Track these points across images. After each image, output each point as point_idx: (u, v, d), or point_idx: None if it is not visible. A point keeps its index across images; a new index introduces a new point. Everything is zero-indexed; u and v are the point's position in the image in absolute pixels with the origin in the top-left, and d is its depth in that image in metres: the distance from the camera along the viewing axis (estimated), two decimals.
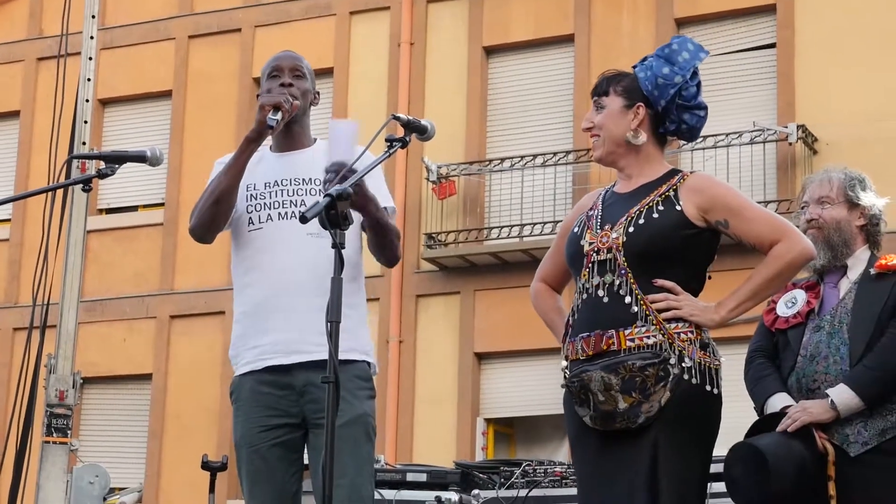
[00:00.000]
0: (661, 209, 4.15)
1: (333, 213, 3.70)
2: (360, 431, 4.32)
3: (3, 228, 18.49)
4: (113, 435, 17.33)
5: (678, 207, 4.15)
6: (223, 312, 16.29)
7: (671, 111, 4.25)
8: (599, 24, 15.84)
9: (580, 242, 4.23)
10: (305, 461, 4.45)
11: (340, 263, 3.68)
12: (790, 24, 14.98)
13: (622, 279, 4.10)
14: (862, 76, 14.45)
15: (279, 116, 4.37)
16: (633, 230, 4.13)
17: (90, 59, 8.97)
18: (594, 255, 4.17)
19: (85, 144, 8.73)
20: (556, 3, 16.15)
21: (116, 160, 4.54)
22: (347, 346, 4.05)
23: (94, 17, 9.12)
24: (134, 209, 18.10)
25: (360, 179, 4.04)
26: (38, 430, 8.54)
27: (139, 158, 4.53)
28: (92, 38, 9.05)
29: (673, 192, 4.18)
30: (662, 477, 3.99)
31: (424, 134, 4.18)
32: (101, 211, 17.97)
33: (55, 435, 8.37)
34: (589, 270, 4.17)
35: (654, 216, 4.14)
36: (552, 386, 11.38)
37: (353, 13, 17.18)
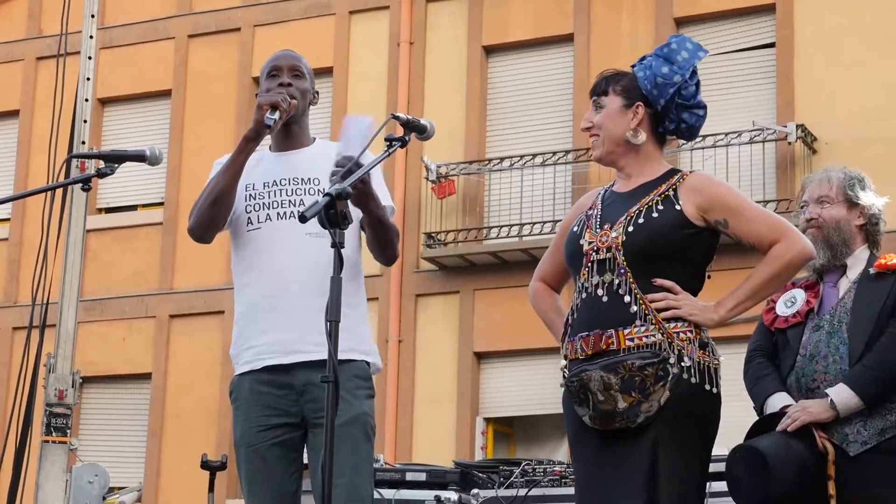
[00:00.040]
0: (660, 209, 4.15)
1: (333, 212, 3.69)
2: (359, 431, 4.31)
3: (2, 228, 18.48)
4: (112, 434, 17.33)
5: (678, 207, 4.15)
6: (223, 312, 16.29)
7: (670, 110, 4.25)
8: (599, 23, 15.84)
9: (579, 242, 4.23)
10: (305, 461, 4.45)
11: (340, 263, 3.68)
12: (789, 23, 14.98)
13: (621, 278, 4.10)
14: (861, 75, 14.45)
15: (277, 116, 4.36)
16: (632, 229, 4.13)
17: (89, 58, 8.97)
18: (593, 254, 4.17)
19: (84, 144, 8.73)
20: (555, 2, 16.15)
21: (116, 159, 4.54)
22: (347, 345, 4.04)
23: (93, 16, 9.12)
24: (133, 208, 18.09)
25: (366, 176, 4.04)
26: (37, 429, 8.54)
27: (138, 158, 4.53)
28: (91, 37, 9.05)
29: (672, 191, 4.18)
30: (662, 476, 3.99)
31: (424, 133, 4.18)
32: (100, 210, 17.96)
33: (54, 434, 8.37)
34: (588, 270, 4.17)
35: (653, 216, 4.14)
36: (552, 385, 11.39)
37: (352, 12, 17.17)
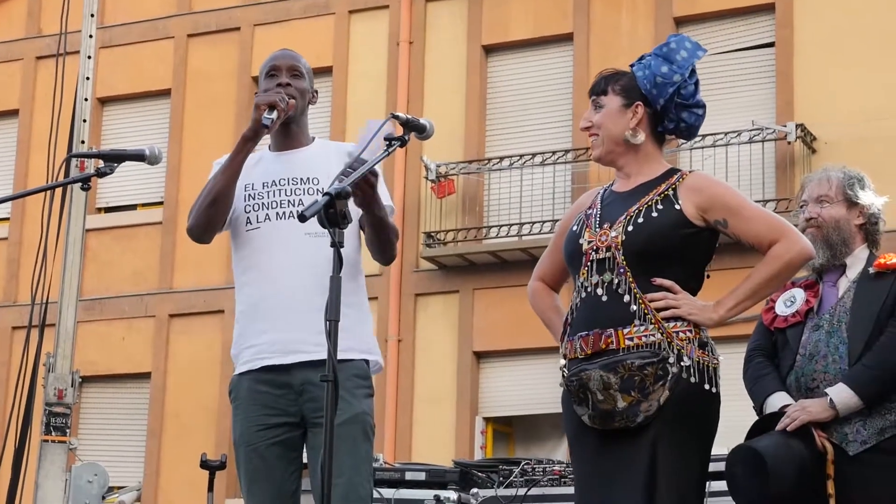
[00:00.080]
0: (660, 208, 4.15)
1: (332, 211, 3.68)
2: (358, 430, 4.31)
3: (2, 227, 18.48)
4: (112, 434, 17.33)
5: (677, 206, 4.15)
6: (222, 311, 16.29)
7: (670, 110, 4.25)
8: (598, 22, 15.84)
9: (579, 241, 4.23)
10: (305, 460, 4.45)
11: (339, 262, 3.68)
12: (789, 23, 14.98)
13: (621, 278, 4.10)
14: (861, 75, 14.45)
15: (274, 115, 4.35)
16: (632, 229, 4.13)
17: (89, 57, 8.97)
18: (593, 253, 4.17)
19: (84, 143, 8.73)
20: (555, 2, 16.15)
21: (115, 159, 4.54)
22: (346, 344, 4.04)
23: (92, 15, 9.12)
24: (133, 208, 18.09)
25: (373, 179, 4.03)
26: (36, 428, 8.55)
27: (138, 157, 4.53)
28: (91, 36, 9.05)
29: (672, 191, 4.18)
30: (661, 476, 3.99)
31: (423, 133, 4.18)
32: (99, 210, 17.96)
33: (54, 434, 8.38)
34: (588, 269, 4.17)
35: (653, 215, 4.14)
36: (551, 385, 11.38)
37: (352, 12, 17.17)
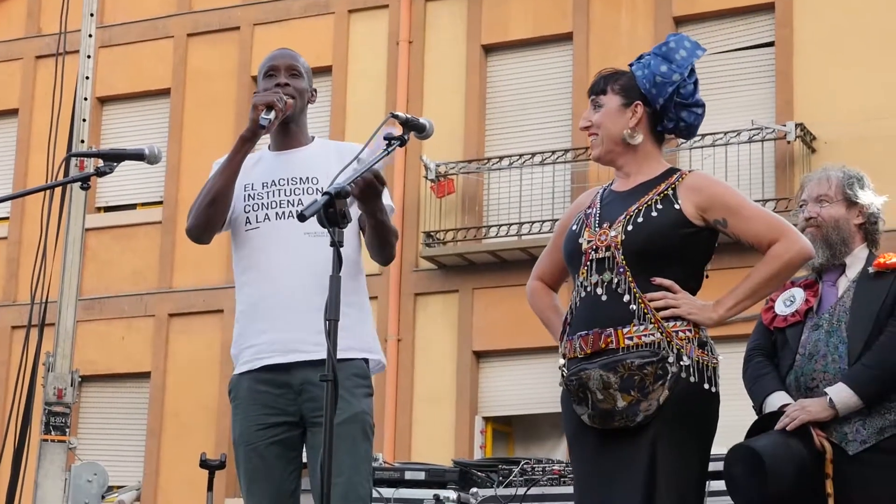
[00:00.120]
0: (659, 208, 4.14)
1: (332, 211, 3.69)
2: (357, 429, 4.31)
3: (1, 226, 18.48)
4: (111, 433, 17.33)
5: (677, 206, 4.15)
6: (222, 311, 16.29)
7: (669, 109, 4.24)
8: (598, 22, 15.84)
9: (578, 240, 4.23)
10: (304, 459, 4.45)
11: (339, 262, 3.68)
12: (789, 22, 14.98)
13: (620, 277, 4.10)
14: (860, 75, 14.45)
15: (272, 116, 4.35)
16: (631, 228, 4.13)
17: (88, 57, 8.97)
18: (592, 253, 4.17)
19: (83, 142, 8.73)
20: (554, 1, 16.15)
21: (115, 158, 4.54)
22: (346, 344, 4.04)
23: (92, 15, 9.12)
24: (132, 207, 18.09)
25: (377, 184, 4.04)
26: (36, 428, 8.55)
27: (137, 156, 4.53)
28: (90, 36, 9.05)
29: (671, 190, 4.18)
30: (661, 475, 3.99)
31: (423, 132, 4.17)
32: (99, 209, 17.96)
33: (53, 433, 8.38)
34: (587, 268, 4.17)
35: (652, 215, 4.14)
36: (550, 384, 11.38)
37: (351, 11, 17.17)
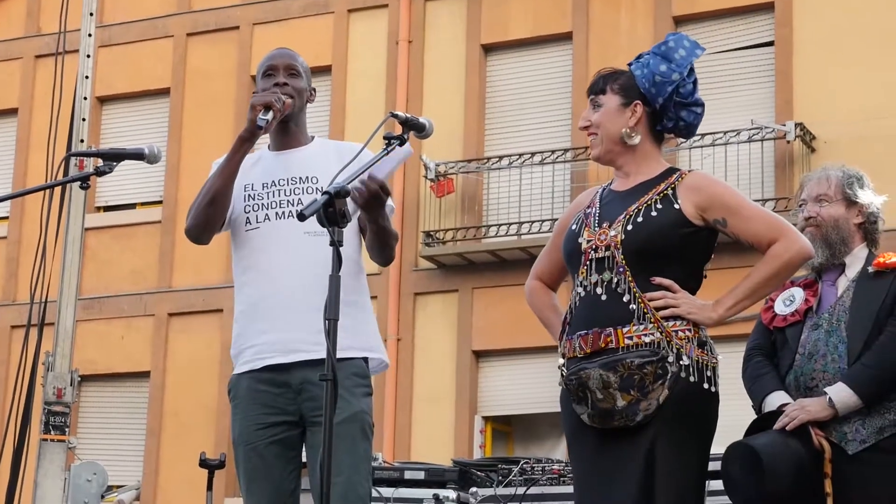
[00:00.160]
0: (659, 207, 4.14)
1: (331, 210, 3.69)
2: (356, 429, 4.31)
3: (1, 226, 18.48)
4: (111, 433, 17.33)
5: (676, 206, 4.15)
6: (221, 310, 16.29)
7: (668, 108, 4.24)
8: (598, 21, 15.84)
9: (578, 240, 4.23)
10: (304, 459, 4.45)
11: (338, 261, 3.67)
12: (788, 21, 14.98)
13: (620, 277, 4.10)
14: (860, 74, 14.45)
15: (269, 116, 4.35)
16: (631, 228, 4.13)
17: (88, 56, 8.97)
18: (592, 252, 4.17)
19: (83, 142, 8.73)
20: (554, 1, 16.15)
21: (114, 158, 4.53)
22: (345, 343, 4.03)
23: (92, 14, 9.12)
24: (132, 207, 18.09)
25: (386, 194, 4.05)
26: (35, 427, 8.55)
27: (137, 156, 4.53)
28: (90, 35, 9.05)
29: (671, 190, 4.18)
30: (660, 475, 3.99)
31: (422, 132, 4.18)
32: (98, 209, 17.96)
33: (53, 433, 8.38)
34: (587, 268, 4.17)
35: (652, 214, 4.13)
36: (550, 384, 11.39)
37: (351, 11, 17.17)
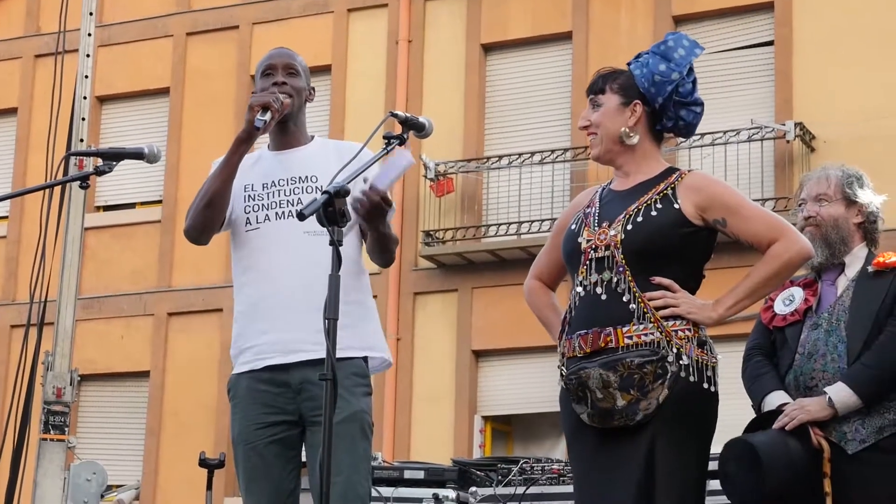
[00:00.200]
0: (659, 207, 4.14)
1: (331, 210, 3.69)
2: (356, 428, 4.31)
3: (0, 225, 18.48)
4: (110, 432, 17.33)
5: (676, 206, 4.15)
6: (221, 310, 16.29)
7: (668, 108, 4.24)
8: (597, 21, 15.84)
9: (578, 239, 4.22)
10: (304, 458, 4.45)
11: (338, 261, 3.67)
12: (788, 21, 14.98)
13: (620, 276, 4.10)
14: (860, 74, 14.45)
15: (267, 117, 4.35)
16: (631, 228, 4.12)
17: (88, 56, 8.97)
18: (592, 252, 4.17)
19: (83, 141, 8.73)
20: (554, 0, 16.15)
21: (114, 157, 4.54)
22: (345, 343, 4.03)
23: (91, 14, 9.12)
24: (132, 206, 18.09)
25: (388, 206, 4.04)
26: (35, 427, 8.55)
27: (137, 155, 4.53)
28: (89, 35, 9.05)
29: (671, 190, 4.18)
30: (660, 474, 3.99)
31: (422, 131, 4.18)
32: (98, 208, 17.96)
33: (52, 432, 8.38)
34: (587, 268, 4.17)
35: (652, 214, 4.13)
36: (550, 383, 11.38)
37: (350, 10, 17.17)
